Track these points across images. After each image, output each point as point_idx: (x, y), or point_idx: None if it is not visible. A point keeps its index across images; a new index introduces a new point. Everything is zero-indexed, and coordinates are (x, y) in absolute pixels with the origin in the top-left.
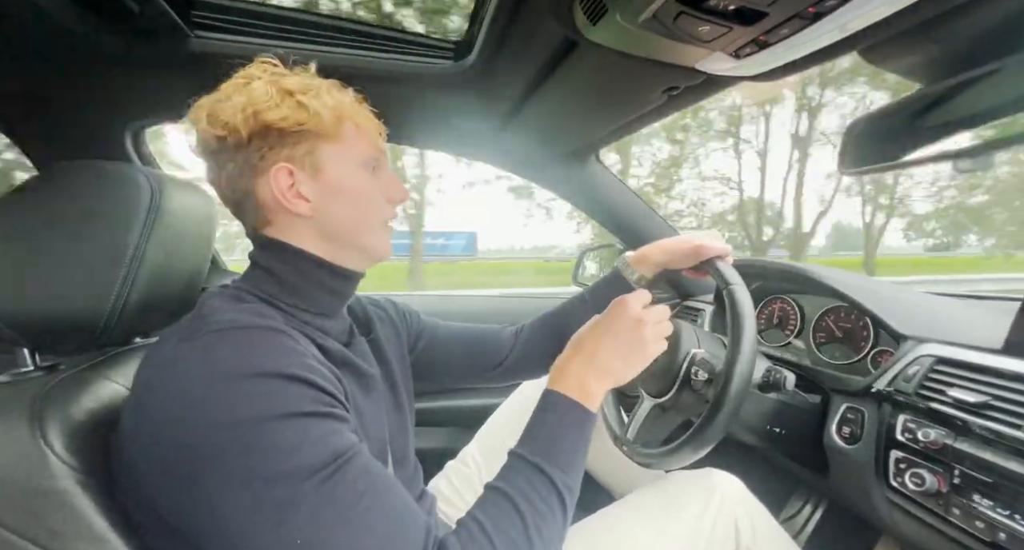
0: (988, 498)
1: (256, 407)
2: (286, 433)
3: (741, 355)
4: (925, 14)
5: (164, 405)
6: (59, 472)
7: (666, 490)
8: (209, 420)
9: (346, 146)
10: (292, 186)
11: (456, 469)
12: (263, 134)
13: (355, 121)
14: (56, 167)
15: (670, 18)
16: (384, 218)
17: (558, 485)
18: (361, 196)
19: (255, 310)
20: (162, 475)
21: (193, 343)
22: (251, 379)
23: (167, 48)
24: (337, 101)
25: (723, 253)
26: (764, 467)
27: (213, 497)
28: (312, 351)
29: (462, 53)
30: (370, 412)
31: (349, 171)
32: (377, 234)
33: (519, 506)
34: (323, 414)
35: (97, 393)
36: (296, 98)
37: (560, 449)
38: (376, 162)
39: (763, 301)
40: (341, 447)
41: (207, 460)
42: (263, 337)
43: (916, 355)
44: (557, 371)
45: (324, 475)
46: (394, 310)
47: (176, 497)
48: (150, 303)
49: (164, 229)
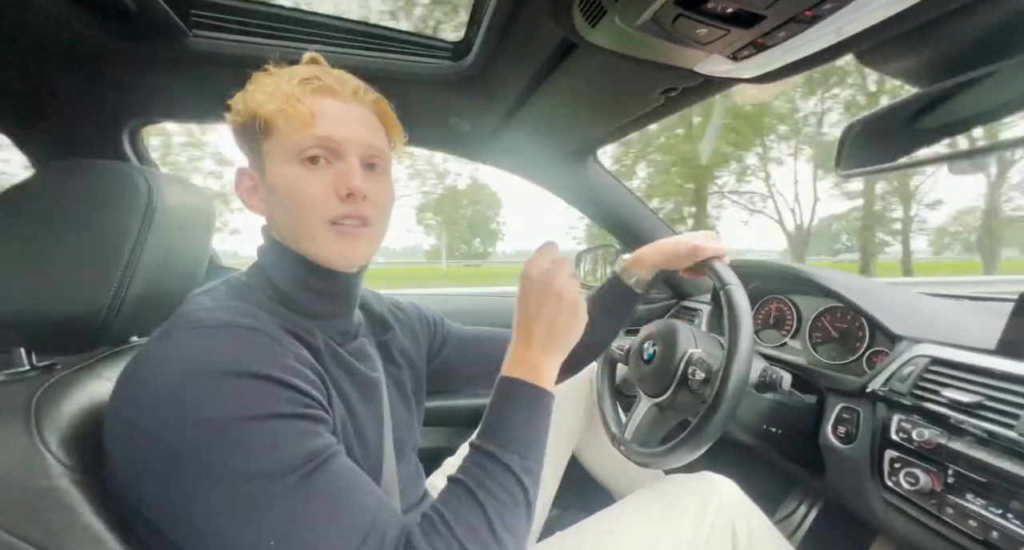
0: (981, 497)
1: (229, 407)
2: (259, 433)
3: (738, 355)
4: (921, 18)
5: (140, 403)
6: (55, 471)
7: (665, 492)
8: (183, 419)
9: (278, 140)
10: (254, 187)
11: (454, 466)
12: (235, 134)
13: (286, 112)
14: (53, 166)
15: (669, 20)
16: (328, 218)
17: (515, 470)
18: (293, 193)
19: (237, 308)
20: (141, 473)
21: (170, 340)
22: (225, 378)
23: (165, 47)
24: (274, 92)
25: (720, 254)
26: (760, 466)
27: (188, 495)
28: (297, 351)
29: (461, 53)
30: (366, 412)
31: (282, 168)
32: (318, 236)
33: (477, 495)
34: (298, 415)
35: (93, 393)
36: (246, 94)
37: (515, 434)
38: (321, 151)
39: (760, 301)
40: (316, 448)
41: (182, 457)
42: (240, 335)
43: (911, 355)
44: (511, 357)
45: (299, 476)
46: (416, 314)
47: (154, 495)
48: (147, 302)
49: (161, 228)
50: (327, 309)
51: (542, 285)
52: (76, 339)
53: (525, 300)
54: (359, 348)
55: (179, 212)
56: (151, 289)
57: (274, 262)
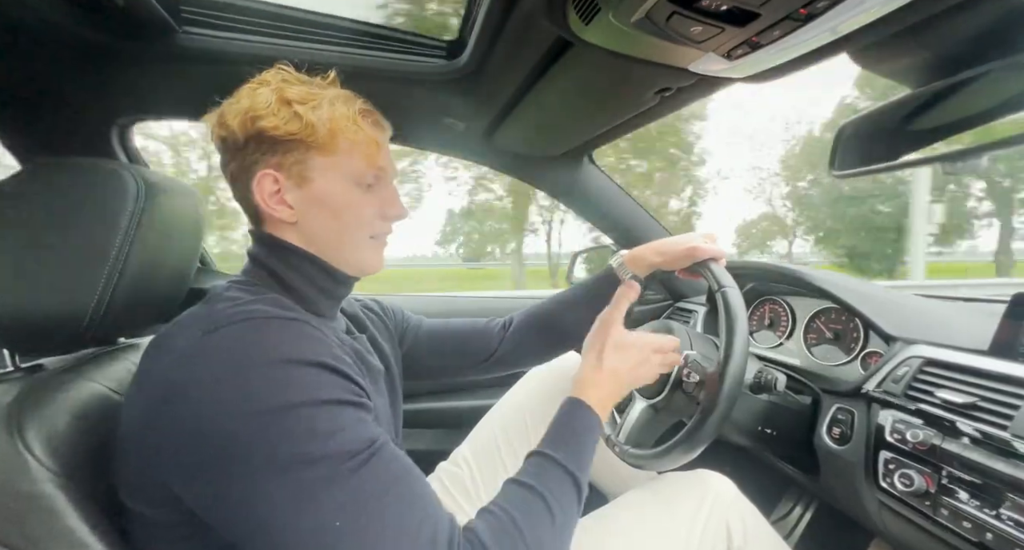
0: (975, 498)
1: (291, 393)
2: (323, 418)
3: (733, 358)
4: (914, 17)
5: (197, 398)
6: (38, 475)
7: (660, 491)
8: (246, 407)
9: (337, 160)
10: (277, 192)
11: (447, 470)
12: (258, 139)
13: (349, 137)
14: (40, 164)
15: (663, 18)
16: (372, 233)
17: (581, 488)
18: (345, 211)
19: (274, 301)
20: (194, 470)
21: (220, 333)
22: (284, 366)
23: (155, 44)
24: (335, 114)
25: (717, 255)
26: (755, 468)
27: (250, 485)
28: (335, 340)
29: (455, 52)
30: (380, 403)
31: (337, 185)
32: (360, 249)
33: (552, 507)
34: (354, 403)
35: (79, 394)
36: (293, 108)
37: (584, 456)
38: (374, 179)
39: (755, 302)
40: (372, 435)
41: (246, 447)
42: (289, 326)
43: (905, 356)
44: (582, 384)
45: (360, 460)
46: (381, 310)
47: (208, 490)
48: (136, 302)
49: (150, 227)
50: (328, 310)
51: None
52: (62, 339)
53: (631, 344)
54: (362, 342)
55: (169, 212)
56: (139, 289)
57: (289, 265)
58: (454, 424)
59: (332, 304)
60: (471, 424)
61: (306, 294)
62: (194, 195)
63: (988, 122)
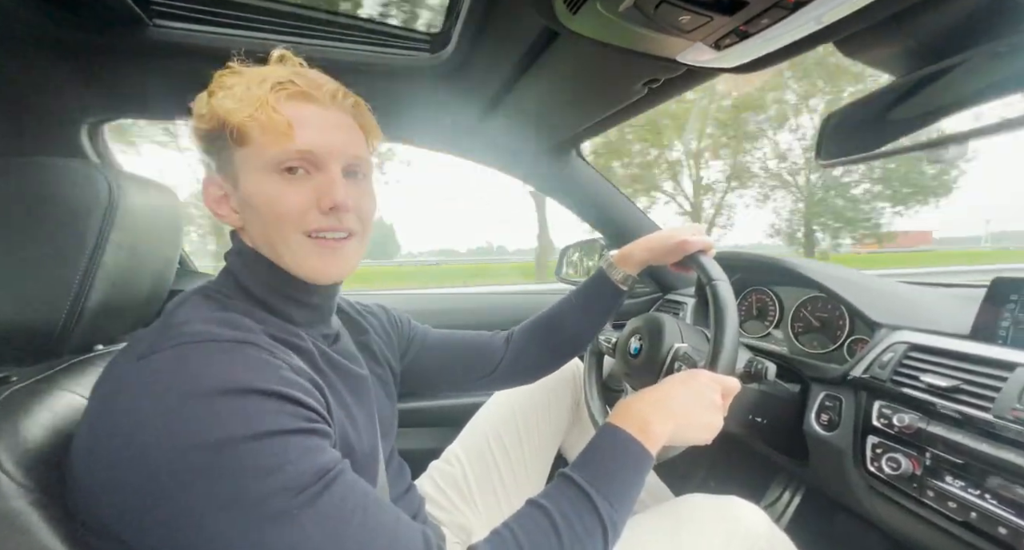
0: (960, 479)
1: (231, 426)
2: (266, 453)
3: (724, 350)
4: (898, 5)
5: (125, 426)
6: (10, 492)
7: (685, 517)
8: (180, 442)
9: (252, 150)
10: (224, 196)
11: (440, 469)
12: (200, 140)
13: (260, 120)
14: (4, 163)
15: (651, 7)
16: (306, 230)
17: (603, 517)
18: (266, 206)
19: (222, 319)
20: (123, 501)
21: (159, 357)
22: (223, 397)
23: (124, 38)
24: (247, 97)
25: (706, 248)
26: (745, 455)
27: (195, 525)
28: (291, 360)
29: (439, 45)
30: (361, 414)
31: (257, 177)
32: (297, 250)
33: (558, 527)
34: (305, 430)
35: (53, 406)
36: (213, 99)
37: (613, 482)
38: (301, 163)
39: (743, 292)
40: (326, 464)
41: (180, 485)
42: (232, 350)
43: (890, 342)
44: (622, 408)
45: (312, 493)
46: (386, 317)
47: (140, 524)
48: (111, 308)
49: (124, 229)
50: (307, 317)
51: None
52: (33, 349)
53: (690, 378)
54: (345, 348)
55: (144, 212)
56: (115, 294)
57: (249, 271)
58: (446, 422)
59: (307, 312)
60: (463, 422)
61: (269, 301)
62: (171, 194)
63: (971, 108)
